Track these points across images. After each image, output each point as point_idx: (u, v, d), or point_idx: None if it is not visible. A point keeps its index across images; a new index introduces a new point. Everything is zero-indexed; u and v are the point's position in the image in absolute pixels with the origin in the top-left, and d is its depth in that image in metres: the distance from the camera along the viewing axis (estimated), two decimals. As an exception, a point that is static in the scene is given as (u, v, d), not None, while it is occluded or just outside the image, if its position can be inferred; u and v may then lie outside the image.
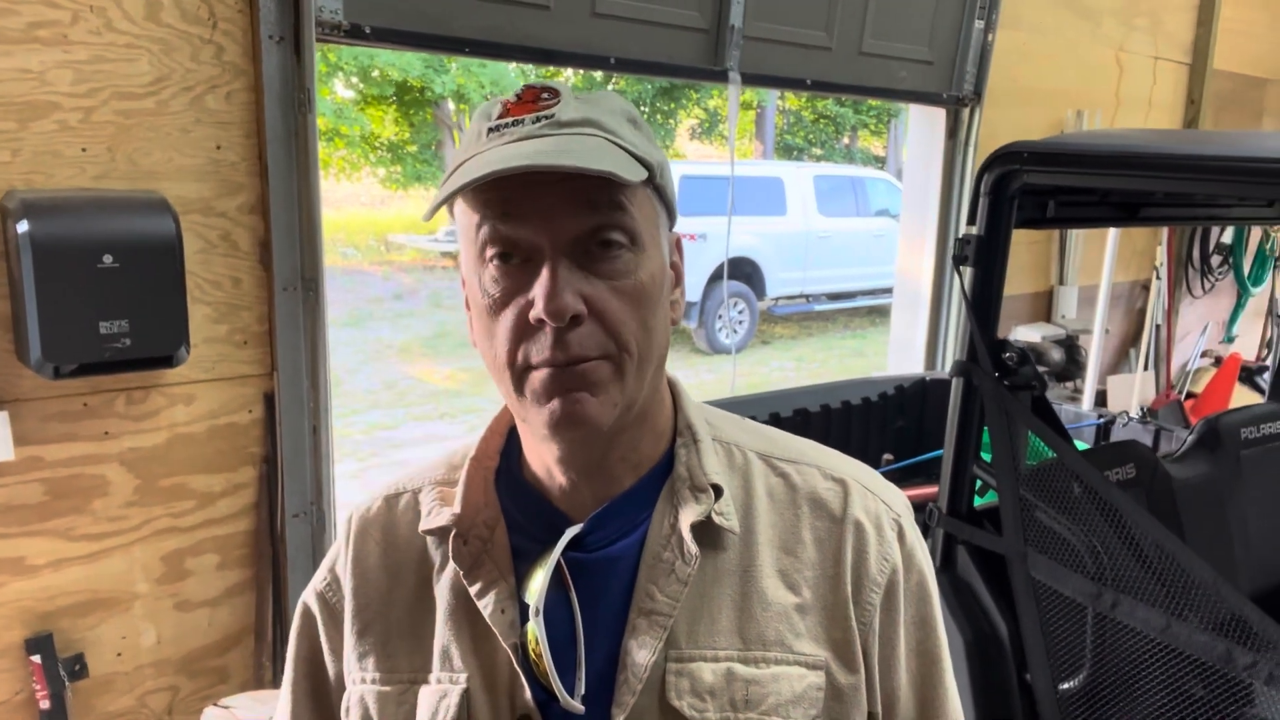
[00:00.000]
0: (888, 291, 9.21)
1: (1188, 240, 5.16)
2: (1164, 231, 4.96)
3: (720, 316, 9.20)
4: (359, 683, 0.79)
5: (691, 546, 0.72)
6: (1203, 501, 1.81)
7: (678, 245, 0.78)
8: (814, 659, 0.72)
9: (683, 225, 0.80)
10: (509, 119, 0.69)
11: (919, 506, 1.79)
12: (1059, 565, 1.37)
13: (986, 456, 1.56)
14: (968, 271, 1.48)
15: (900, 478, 2.36)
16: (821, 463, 0.80)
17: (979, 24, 3.51)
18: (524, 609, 0.73)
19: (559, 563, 0.74)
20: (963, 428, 1.55)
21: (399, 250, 12.73)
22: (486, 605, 0.74)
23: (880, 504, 0.78)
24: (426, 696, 0.76)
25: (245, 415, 2.07)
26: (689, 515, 0.73)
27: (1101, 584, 1.32)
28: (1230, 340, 5.78)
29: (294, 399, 2.09)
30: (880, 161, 17.29)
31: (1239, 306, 5.71)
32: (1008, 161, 1.41)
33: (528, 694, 0.72)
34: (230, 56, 1.93)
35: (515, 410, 0.73)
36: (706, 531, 0.73)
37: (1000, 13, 3.54)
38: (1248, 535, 1.89)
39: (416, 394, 7.49)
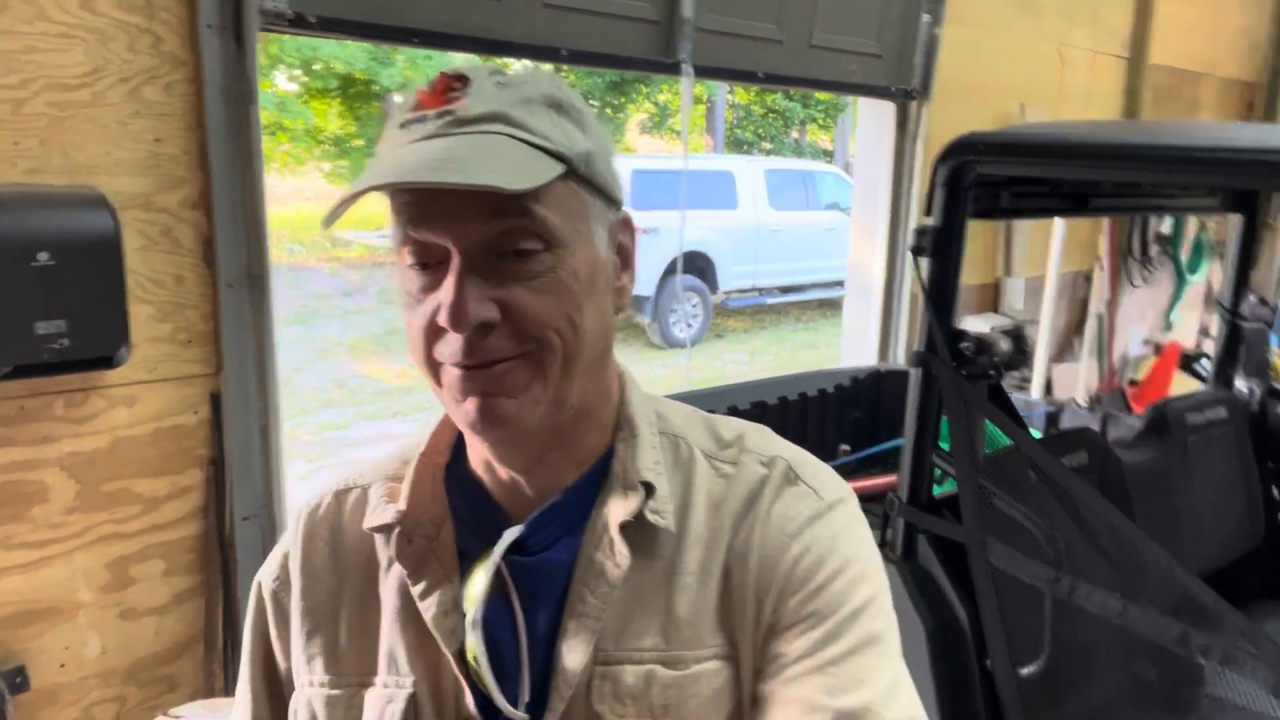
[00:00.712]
0: (838, 284, 9.31)
1: (1127, 231, 5.29)
2: (1105, 222, 5.08)
3: (674, 310, 9.21)
4: (307, 685, 0.77)
5: (621, 548, 0.70)
6: (1152, 486, 1.85)
7: (625, 225, 0.74)
8: (725, 650, 0.69)
9: (636, 220, 0.77)
10: (416, 115, 0.67)
11: (877, 497, 1.81)
12: (1017, 552, 1.39)
13: (945, 446, 1.57)
14: (925, 262, 1.50)
15: (857, 469, 2.38)
16: (760, 448, 0.76)
17: (926, 18, 3.55)
18: (467, 615, 0.71)
19: (499, 568, 0.71)
20: (921, 417, 1.57)
21: (346, 246, 12.52)
22: (429, 609, 0.72)
23: (805, 489, 0.74)
24: (373, 701, 0.73)
25: (191, 416, 2.01)
26: (617, 515, 0.71)
27: (1059, 570, 1.34)
28: (1169, 328, 5.94)
29: (241, 399, 2.03)
30: (828, 155, 17.46)
31: (1177, 295, 5.87)
32: (963, 152, 1.42)
33: (470, 701, 0.70)
34: (169, 46, 1.87)
35: (444, 406, 0.71)
36: (640, 531, 0.71)
37: (947, 7, 3.59)
38: (1193, 519, 1.94)
39: (367, 392, 7.37)
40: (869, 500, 2.15)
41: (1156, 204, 1.83)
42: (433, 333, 0.66)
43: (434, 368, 0.68)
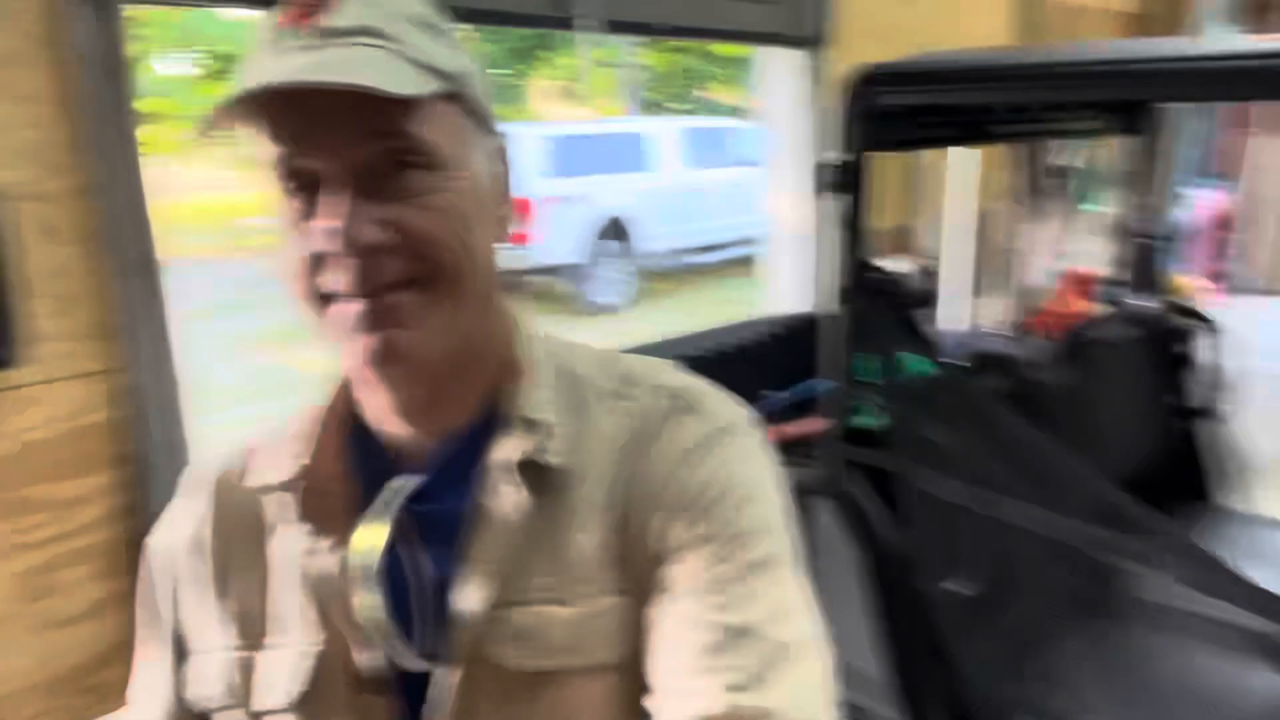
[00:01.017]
0: (760, 241, 9.33)
1: (1026, 167, 5.44)
2: (1004, 161, 5.21)
3: (599, 277, 9.17)
4: (198, 653, 0.75)
5: (513, 489, 0.69)
6: (1067, 405, 1.92)
7: (501, 155, 0.72)
8: (624, 584, 0.68)
9: (553, 188, 0.76)
10: (284, 30, 0.63)
11: (806, 440, 1.84)
12: (943, 475, 1.43)
13: (867, 380, 1.60)
14: (834, 197, 1.51)
15: (787, 411, 2.41)
16: (662, 381, 0.75)
17: (815, -38, 3.55)
18: (364, 569, 0.70)
19: (394, 518, 0.70)
20: (846, 352, 1.59)
21: (253, 235, 12.10)
22: (323, 565, 0.71)
23: (699, 416, 0.72)
24: (273, 662, 0.72)
25: (96, 415, 1.92)
26: (507, 454, 0.70)
27: (983, 487, 1.38)
28: (1069, 257, 6.14)
29: (150, 393, 1.95)
30: (735, 112, 17.51)
31: (1074, 225, 6.07)
32: (865, 83, 1.43)
33: (371, 655, 0.70)
34: (28, 25, 1.75)
35: (330, 349, 0.69)
36: (533, 471, 0.69)
37: (841, -48, 3.60)
38: (1104, 431, 2.02)
39: (288, 382, 7.18)
40: (801, 443, 2.19)
41: (1054, 128, 1.88)
42: (314, 261, 0.63)
43: (318, 302, 0.65)
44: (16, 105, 1.73)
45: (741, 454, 0.72)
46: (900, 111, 1.49)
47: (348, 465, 0.74)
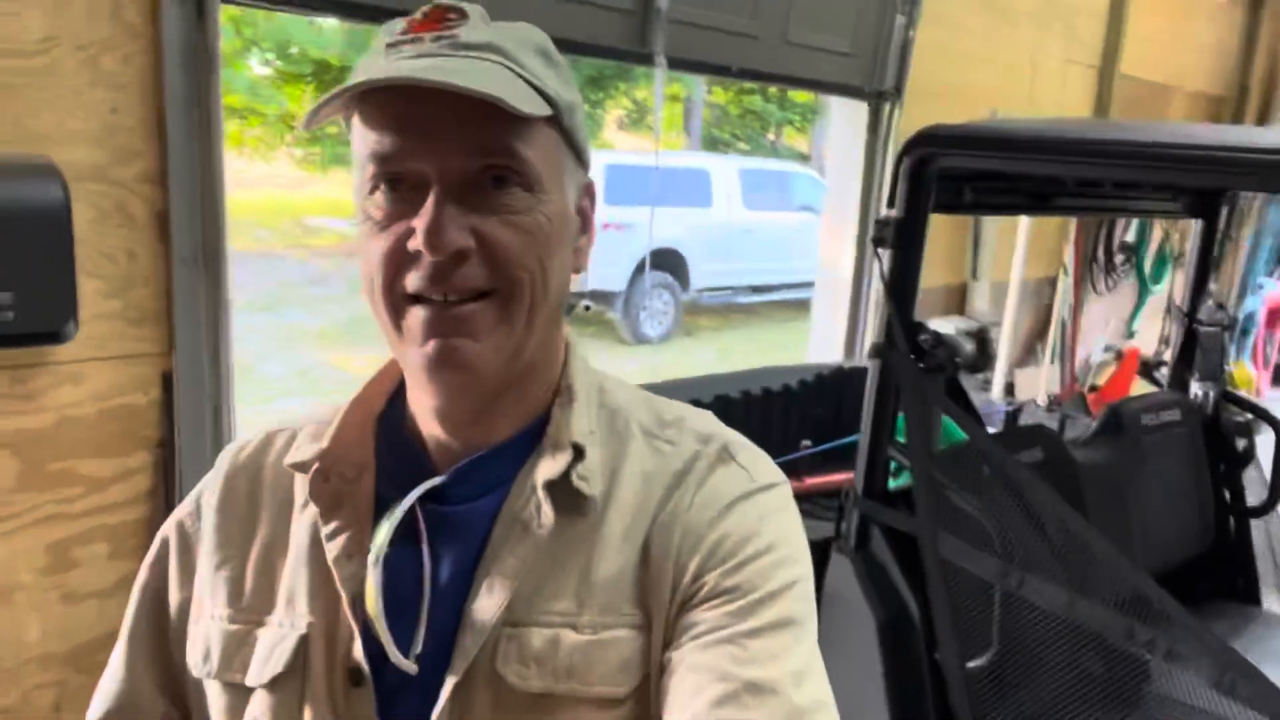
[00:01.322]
0: (810, 285, 9.31)
1: (1093, 239, 5.36)
2: (1072, 230, 5.13)
3: (645, 308, 9.20)
4: (208, 618, 0.76)
5: (546, 508, 0.69)
6: (1106, 485, 1.87)
7: (588, 191, 0.75)
8: (639, 620, 0.68)
9: (608, 215, 0.78)
10: (409, 36, 0.65)
11: (836, 492, 1.81)
12: (968, 545, 1.39)
13: (902, 439, 1.57)
14: (886, 254, 1.49)
15: (817, 464, 2.38)
16: (699, 427, 0.76)
17: (901, 19, 3.56)
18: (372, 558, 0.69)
19: (414, 514, 0.70)
20: (879, 409, 1.57)
21: (316, 234, 12.38)
22: (334, 549, 0.71)
23: (738, 468, 0.74)
24: (266, 638, 0.72)
25: (140, 397, 1.96)
26: (544, 474, 0.70)
27: (1009, 563, 1.34)
28: (1131, 336, 6.03)
29: (193, 380, 1.99)
30: (805, 158, 17.53)
31: (1140, 304, 5.96)
32: (927, 144, 1.42)
33: (359, 648, 0.69)
34: (128, 16, 1.82)
35: (394, 349, 0.70)
36: (565, 494, 0.70)
37: (922, 9, 3.60)
38: (1146, 518, 1.96)
39: (331, 381, 7.29)
40: (828, 495, 2.16)
41: (1119, 205, 1.85)
42: (398, 259, 0.65)
43: (393, 304, 0.66)
44: (100, 90, 1.80)
45: (781, 513, 0.73)
46: (959, 174, 1.48)
47: (372, 457, 0.74)
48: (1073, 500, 1.76)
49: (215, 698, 0.74)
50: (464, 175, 0.63)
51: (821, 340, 3.87)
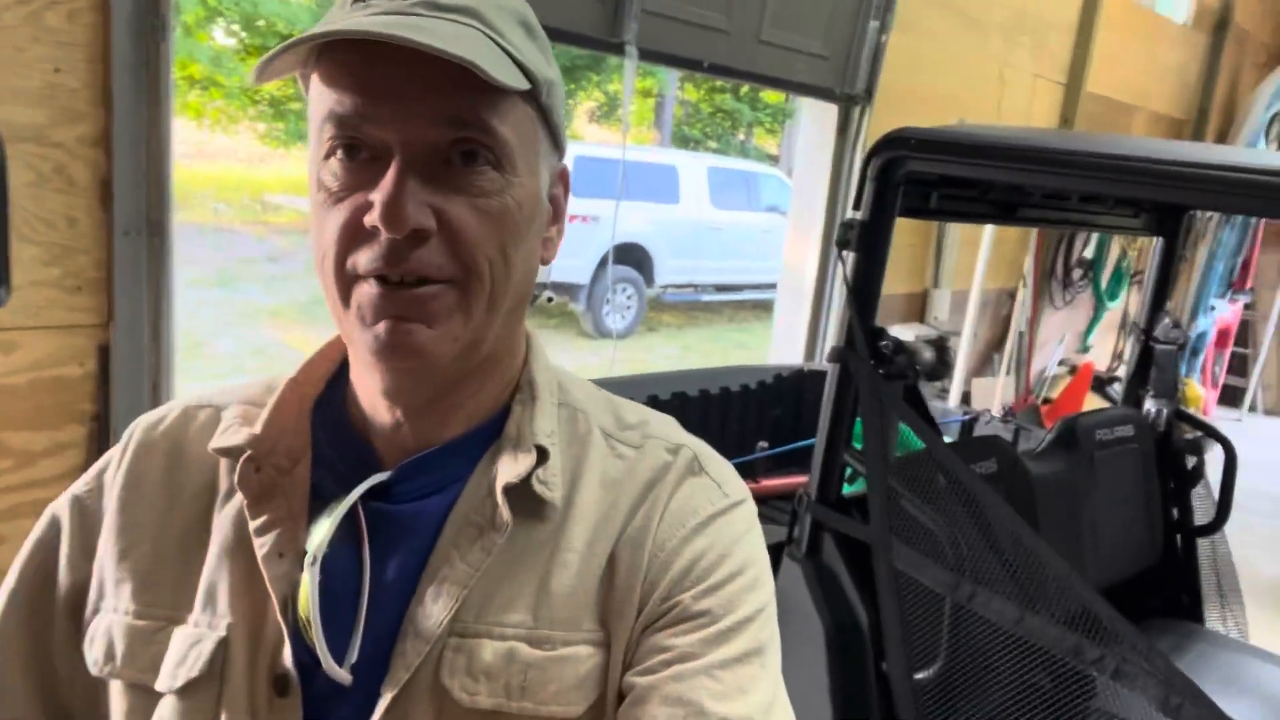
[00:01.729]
0: (773, 286, 9.35)
1: (1052, 253, 5.43)
2: (1033, 242, 5.20)
3: (608, 301, 9.16)
4: (110, 611, 0.68)
5: (504, 512, 0.64)
6: (1058, 498, 1.87)
7: (562, 178, 0.70)
8: (598, 636, 0.64)
9: (574, 207, 0.73)
10: None
11: (790, 495, 1.79)
12: (921, 555, 1.38)
13: (857, 445, 1.56)
14: (850, 256, 1.47)
15: (772, 466, 2.36)
16: (665, 435, 0.73)
17: (874, 24, 3.56)
18: (304, 556, 0.64)
19: (355, 511, 0.65)
20: (836, 414, 1.55)
21: (276, 211, 12.15)
22: (263, 545, 0.64)
23: (710, 482, 0.70)
24: (180, 639, 0.65)
25: (75, 368, 1.88)
26: (504, 476, 0.65)
27: (960, 575, 1.33)
28: (1085, 350, 6.13)
29: (132, 353, 1.91)
30: (774, 160, 17.60)
31: (1095, 319, 6.06)
32: (895, 147, 1.40)
33: (288, 654, 0.63)
34: (74, -30, 1.74)
35: (341, 328, 0.64)
36: (524, 498, 0.65)
37: (895, 16, 3.60)
38: (1097, 533, 1.97)
39: (286, 361, 7.14)
40: (783, 498, 2.14)
41: (1083, 219, 1.85)
42: (351, 235, 0.59)
43: (344, 281, 0.61)
44: (43, 47, 1.71)
45: (750, 533, 0.70)
46: (927, 179, 1.46)
47: (309, 445, 0.68)
48: (1026, 513, 1.76)
49: (117, 700, 0.67)
50: (430, 147, 0.58)
51: (783, 341, 3.86)
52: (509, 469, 0.65)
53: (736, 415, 2.54)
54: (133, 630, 0.66)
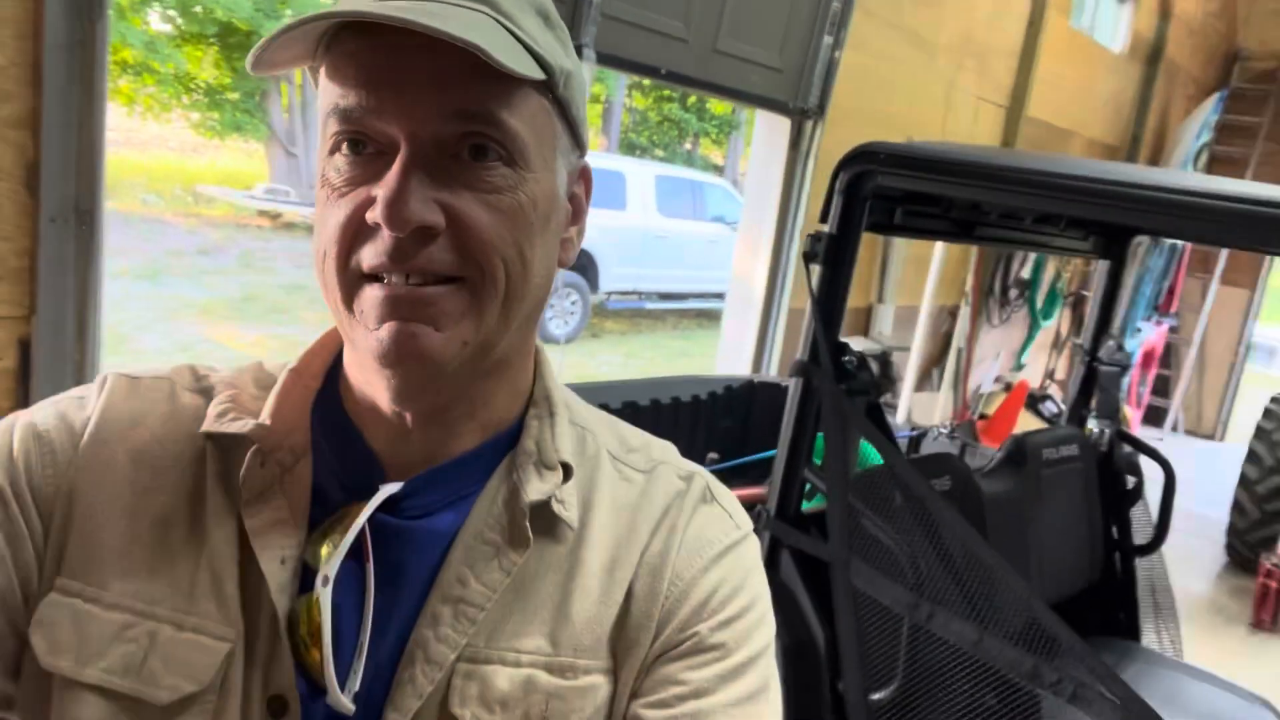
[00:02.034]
0: (718, 296, 9.35)
1: (991, 271, 5.55)
2: (973, 260, 5.30)
3: (552, 305, 9.09)
4: (63, 592, 0.58)
5: (526, 531, 0.61)
6: (1008, 516, 1.88)
7: (583, 175, 0.65)
8: (609, 664, 0.62)
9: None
10: None
11: (747, 507, 1.76)
12: (880, 574, 1.36)
13: (817, 460, 1.54)
14: (816, 270, 1.46)
15: (725, 478, 2.34)
16: (673, 460, 0.71)
17: (828, 39, 3.59)
18: (307, 570, 0.59)
19: (365, 526, 0.59)
20: (798, 430, 1.53)
21: (209, 203, 11.79)
22: (265, 549, 0.58)
23: (721, 511, 0.69)
24: (170, 644, 0.58)
25: (-7, 362, 1.77)
26: (531, 493, 0.61)
27: (919, 595, 1.32)
28: (1020, 368, 6.27)
29: (55, 348, 1.80)
30: (720, 170, 17.74)
31: (1030, 337, 6.21)
32: (865, 161, 1.38)
33: (288, 673, 0.57)
34: (5, -57, 1.64)
35: (344, 329, 0.59)
36: (539, 517, 0.62)
37: (848, 33, 3.63)
38: (1042, 550, 1.99)
39: (216, 359, 6.89)
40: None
41: (1036, 240, 1.87)
42: (355, 231, 0.55)
43: (347, 281, 0.56)
44: (-32, 21, 1.61)
45: (758, 565, 0.70)
46: (893, 195, 1.46)
47: (313, 446, 0.62)
48: (978, 530, 1.77)
49: (77, 704, 0.57)
50: (437, 141, 0.54)
51: (731, 352, 3.86)
52: (534, 486, 0.62)
53: (687, 426, 2.52)
54: (95, 620, 0.58)
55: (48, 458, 0.60)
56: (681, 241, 10.46)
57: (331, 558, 0.58)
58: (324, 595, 0.57)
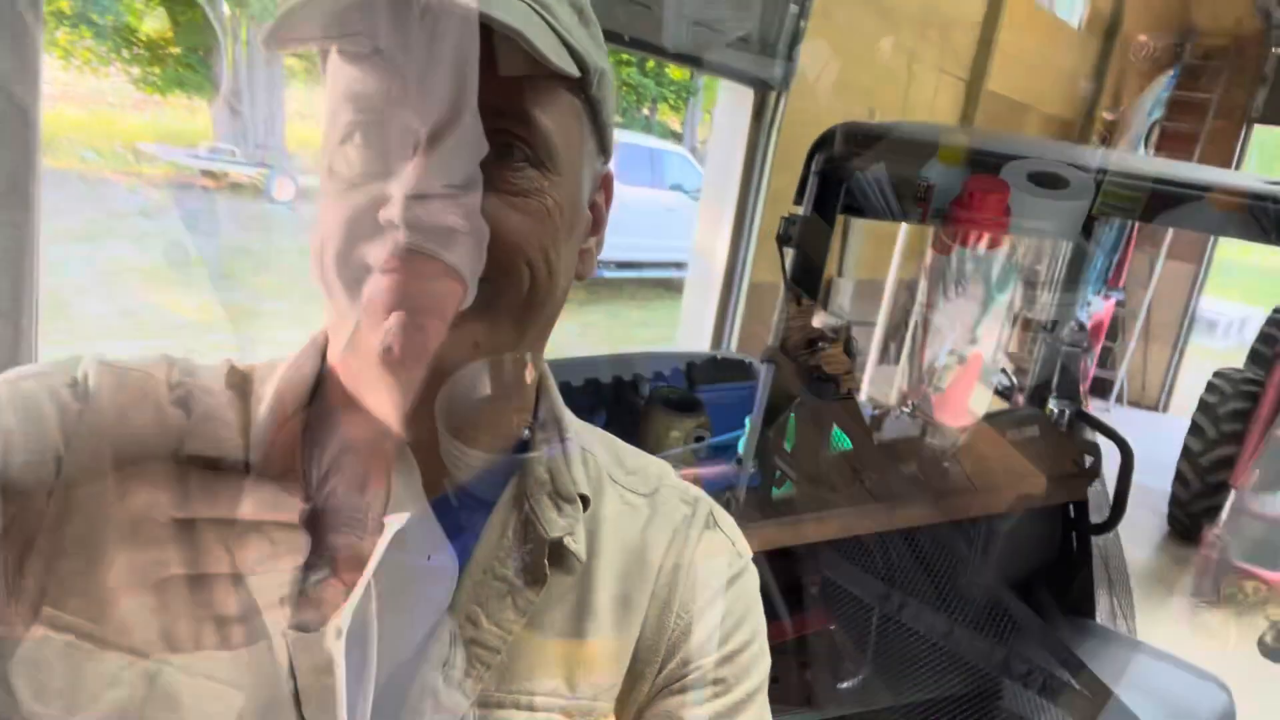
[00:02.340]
0: (678, 265, 9.31)
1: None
2: (931, 234, 5.33)
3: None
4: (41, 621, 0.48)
5: (544, 569, 0.57)
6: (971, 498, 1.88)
7: (605, 184, 0.61)
8: (614, 693, 0.61)
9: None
10: None
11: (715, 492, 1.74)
12: (852, 565, 1.35)
13: (788, 446, 1.52)
14: (790, 252, 1.42)
15: (695, 456, 2.32)
16: (674, 483, 0.69)
17: (794, 8, 3.53)
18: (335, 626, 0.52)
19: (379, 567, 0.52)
20: (770, 416, 1.50)
21: (150, 161, 11.39)
22: (262, 583, 0.49)
23: (725, 539, 0.67)
24: (173, 685, 0.51)
25: (-83, 338, 1.66)
26: (552, 529, 0.58)
27: (891, 585, 1.31)
28: (974, 341, 6.35)
29: (-13, 322, 1.71)
30: (678, 137, 17.62)
31: (985, 311, 6.29)
32: (840, 142, 1.35)
33: None
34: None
35: (343, 334, 0.54)
36: (554, 551, 0.59)
37: (813, 4, 3.58)
38: (1003, 530, 2.00)
39: (159, 325, 6.71)
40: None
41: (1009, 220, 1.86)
42: (361, 225, 0.49)
43: (350, 279, 0.50)
44: (-118, -33, 1.49)
45: (757, 595, 0.68)
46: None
47: (303, 466, 0.53)
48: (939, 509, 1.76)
49: None
50: None
51: (692, 327, 3.83)
52: (553, 521, 0.58)
53: (649, 404, 2.48)
54: (61, 650, 0.50)
55: (74, 425, 0.55)
56: (639, 209, 10.38)
57: (349, 609, 0.51)
58: (336, 650, 0.51)
